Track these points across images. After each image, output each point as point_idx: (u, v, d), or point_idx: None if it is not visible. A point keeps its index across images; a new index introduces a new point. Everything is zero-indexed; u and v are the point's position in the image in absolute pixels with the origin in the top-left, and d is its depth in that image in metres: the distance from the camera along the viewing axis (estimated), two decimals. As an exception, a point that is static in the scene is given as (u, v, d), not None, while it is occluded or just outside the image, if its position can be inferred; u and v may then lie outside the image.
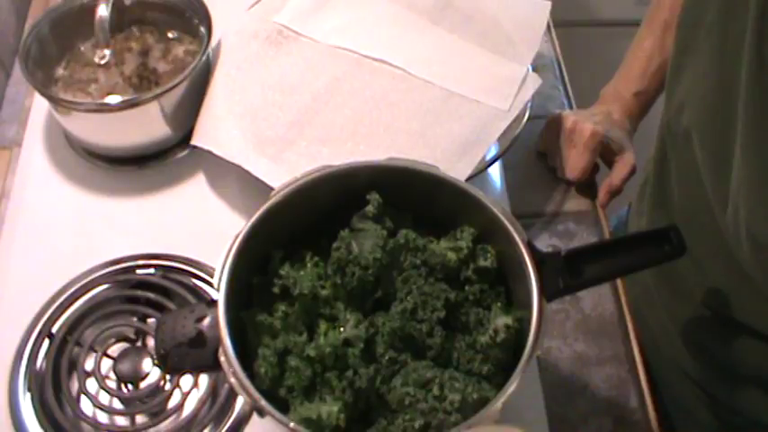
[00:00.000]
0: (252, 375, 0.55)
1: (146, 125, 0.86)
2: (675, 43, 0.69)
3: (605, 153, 0.88)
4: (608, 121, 0.87)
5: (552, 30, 1.06)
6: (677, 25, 0.68)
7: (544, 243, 0.86)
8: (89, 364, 0.73)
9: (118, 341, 0.76)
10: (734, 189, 0.60)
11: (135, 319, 0.77)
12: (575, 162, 0.87)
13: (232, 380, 0.53)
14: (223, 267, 0.57)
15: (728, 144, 0.59)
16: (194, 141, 0.83)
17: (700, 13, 0.63)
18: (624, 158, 0.86)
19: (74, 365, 0.74)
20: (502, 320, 0.58)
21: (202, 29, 0.88)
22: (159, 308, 0.76)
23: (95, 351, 0.74)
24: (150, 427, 0.71)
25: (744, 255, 0.61)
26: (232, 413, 0.71)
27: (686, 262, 0.72)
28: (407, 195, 0.63)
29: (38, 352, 0.74)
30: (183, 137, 0.88)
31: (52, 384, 0.72)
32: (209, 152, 0.81)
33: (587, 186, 0.90)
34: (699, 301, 0.74)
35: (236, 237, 0.59)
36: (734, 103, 0.58)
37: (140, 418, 0.72)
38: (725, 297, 0.71)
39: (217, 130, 0.82)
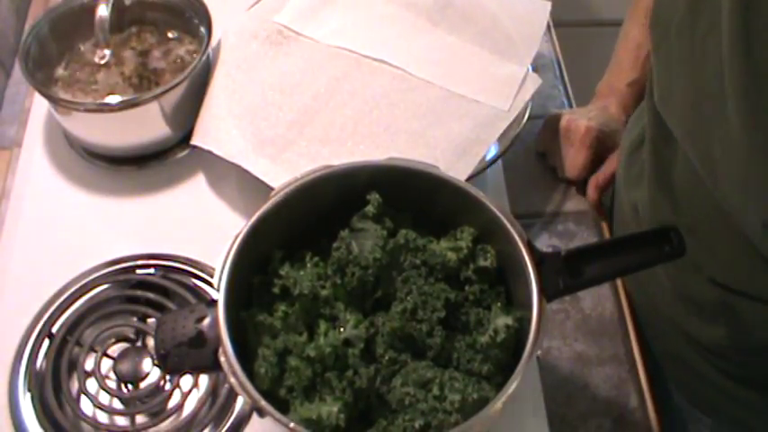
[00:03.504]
0: (252, 375, 0.55)
1: (146, 125, 0.86)
2: (651, 42, 0.68)
3: (601, 149, 0.88)
4: (604, 115, 0.87)
5: (552, 30, 1.06)
6: (650, 25, 0.68)
7: (544, 243, 0.86)
8: (89, 364, 0.73)
9: (118, 341, 0.76)
10: (727, 189, 0.60)
11: (135, 319, 0.77)
12: (573, 160, 0.87)
13: (232, 380, 0.53)
14: (223, 267, 0.57)
15: (711, 148, 0.59)
16: (194, 141, 0.83)
17: (670, 13, 0.62)
18: (616, 154, 0.86)
19: (74, 365, 0.74)
20: (502, 320, 0.58)
21: (202, 29, 0.88)
22: (159, 308, 0.76)
23: (95, 351, 0.74)
24: (150, 427, 0.70)
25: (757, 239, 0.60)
26: (232, 413, 0.71)
27: (690, 240, 0.70)
28: (407, 195, 0.63)
29: (38, 352, 0.74)
30: (182, 137, 0.88)
31: (52, 384, 0.72)
32: (209, 152, 0.81)
33: (587, 186, 0.90)
34: (704, 274, 0.72)
35: (236, 237, 0.59)
36: (708, 108, 0.57)
37: (140, 418, 0.72)
38: (730, 270, 0.69)
39: (217, 130, 0.82)
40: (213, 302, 0.56)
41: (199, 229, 0.84)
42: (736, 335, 0.73)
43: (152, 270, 0.80)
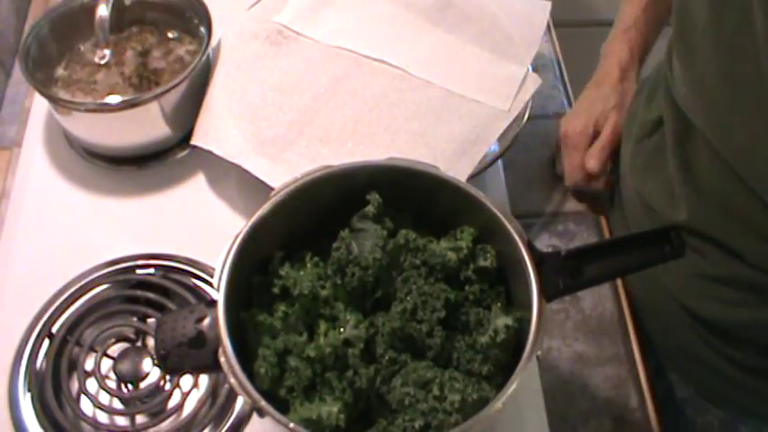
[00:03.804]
0: (252, 375, 0.55)
1: (146, 125, 0.86)
2: (675, 44, 0.69)
3: (590, 144, 0.87)
4: (596, 100, 0.86)
5: (552, 30, 1.06)
6: (673, 28, 0.68)
7: (544, 243, 0.86)
8: (89, 364, 0.73)
9: (118, 341, 0.76)
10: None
11: (135, 319, 0.77)
12: (567, 165, 0.87)
13: (232, 380, 0.53)
14: (223, 267, 0.57)
15: (749, 141, 0.59)
16: (194, 141, 0.83)
17: (693, 15, 0.63)
18: (609, 125, 0.85)
19: (74, 365, 0.74)
20: (502, 320, 0.58)
21: (202, 29, 0.88)
22: (159, 308, 0.76)
23: (95, 351, 0.74)
24: (150, 427, 0.71)
25: None
26: (232, 413, 0.71)
27: (721, 233, 0.70)
28: (407, 195, 0.63)
29: (38, 352, 0.74)
30: (183, 137, 0.88)
31: (52, 384, 0.72)
32: (210, 152, 0.81)
33: (586, 160, 0.89)
34: (746, 260, 0.71)
35: (236, 237, 0.59)
36: (744, 102, 0.58)
37: (140, 418, 0.72)
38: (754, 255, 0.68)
39: (217, 130, 0.82)
40: (213, 302, 0.56)
41: (199, 229, 0.84)
42: (761, 314, 0.72)
43: (152, 270, 0.80)
